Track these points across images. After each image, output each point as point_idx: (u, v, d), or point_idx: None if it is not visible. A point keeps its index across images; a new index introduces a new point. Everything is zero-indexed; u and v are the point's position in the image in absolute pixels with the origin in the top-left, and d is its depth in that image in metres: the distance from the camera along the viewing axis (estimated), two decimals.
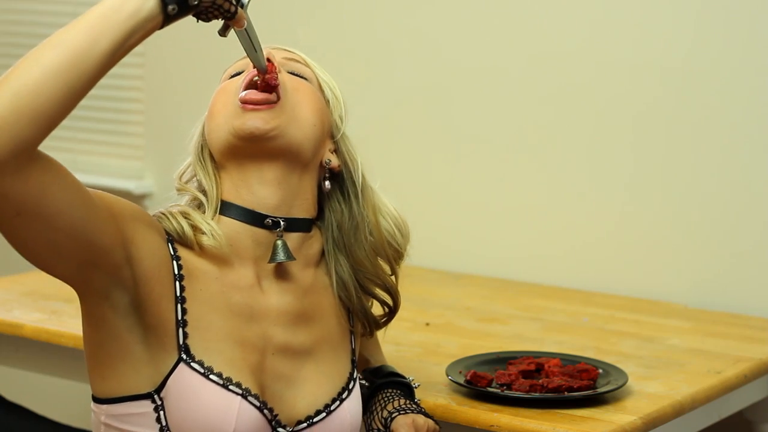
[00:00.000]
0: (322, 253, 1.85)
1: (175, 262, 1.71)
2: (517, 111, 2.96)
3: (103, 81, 1.54)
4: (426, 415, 1.90)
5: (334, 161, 1.84)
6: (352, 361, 1.87)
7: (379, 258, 1.88)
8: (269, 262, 1.77)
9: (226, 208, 1.77)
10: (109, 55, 1.50)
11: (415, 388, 1.96)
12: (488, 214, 3.00)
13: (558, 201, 2.93)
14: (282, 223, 1.77)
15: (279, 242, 1.76)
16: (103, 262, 1.62)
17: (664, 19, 2.78)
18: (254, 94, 1.75)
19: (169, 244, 1.72)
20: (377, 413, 1.89)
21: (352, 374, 1.85)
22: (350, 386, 1.84)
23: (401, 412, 1.88)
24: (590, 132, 2.88)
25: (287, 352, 1.78)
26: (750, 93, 2.70)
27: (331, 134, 1.86)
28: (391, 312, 1.93)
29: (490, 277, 2.95)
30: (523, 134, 2.96)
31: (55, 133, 1.51)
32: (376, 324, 1.92)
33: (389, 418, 1.87)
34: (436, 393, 2.07)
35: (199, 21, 1.62)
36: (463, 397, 2.05)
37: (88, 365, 1.72)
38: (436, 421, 1.90)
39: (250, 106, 1.74)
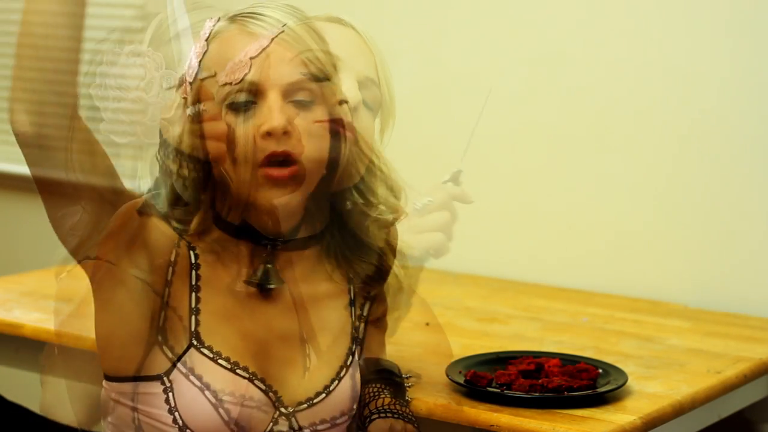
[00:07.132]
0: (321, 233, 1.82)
1: (192, 252, 1.74)
2: (517, 111, 2.95)
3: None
4: (407, 417, 1.85)
5: None
6: (353, 338, 1.86)
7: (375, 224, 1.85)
8: (254, 282, 1.75)
9: (220, 222, 1.76)
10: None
11: (408, 387, 1.95)
12: (488, 214, 3.00)
13: (558, 201, 2.93)
14: (277, 245, 1.76)
15: (269, 267, 1.76)
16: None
17: (664, 20, 2.78)
18: (278, 171, 1.69)
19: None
20: (359, 409, 1.88)
21: (350, 349, 1.85)
22: (348, 362, 1.84)
23: (381, 415, 1.84)
24: (590, 132, 2.88)
25: (289, 339, 1.79)
26: (751, 94, 2.69)
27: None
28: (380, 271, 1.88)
29: (490, 277, 2.95)
30: (523, 134, 2.95)
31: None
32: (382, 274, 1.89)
33: (368, 419, 1.84)
34: (436, 393, 2.07)
35: None
36: (463, 397, 2.05)
37: (99, 346, 1.75)
38: (417, 426, 1.84)
39: (276, 173, 1.69)
